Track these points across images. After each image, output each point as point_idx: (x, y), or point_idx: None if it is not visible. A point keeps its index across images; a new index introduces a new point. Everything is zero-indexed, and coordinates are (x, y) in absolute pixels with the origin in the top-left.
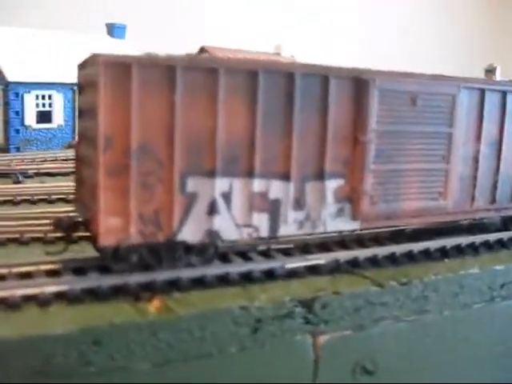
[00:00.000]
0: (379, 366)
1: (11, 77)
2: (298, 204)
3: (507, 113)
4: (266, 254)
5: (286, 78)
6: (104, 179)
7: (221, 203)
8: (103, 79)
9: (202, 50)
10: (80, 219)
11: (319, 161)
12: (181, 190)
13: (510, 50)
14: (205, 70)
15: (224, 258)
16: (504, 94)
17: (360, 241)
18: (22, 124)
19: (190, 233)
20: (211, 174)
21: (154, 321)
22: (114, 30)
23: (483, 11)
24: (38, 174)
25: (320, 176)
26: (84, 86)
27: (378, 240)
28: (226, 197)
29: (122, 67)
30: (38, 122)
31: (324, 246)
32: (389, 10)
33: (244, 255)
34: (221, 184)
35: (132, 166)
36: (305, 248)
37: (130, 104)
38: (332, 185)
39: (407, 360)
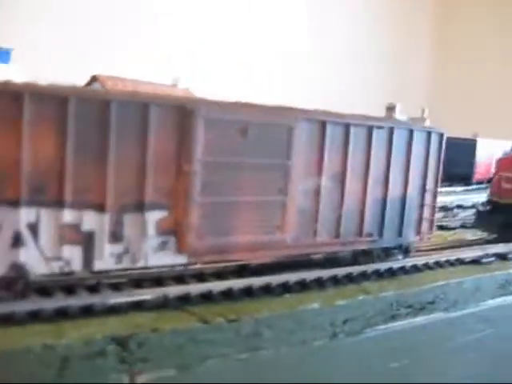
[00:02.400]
0: None
1: None
2: (115, 236)
3: (350, 146)
4: (94, 289)
5: (101, 106)
6: None
7: (26, 235)
8: None
9: (94, 78)
10: None
11: (139, 191)
12: None
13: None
14: (8, 96)
15: (44, 292)
16: (347, 126)
17: (200, 276)
18: None
19: None
20: (15, 203)
21: None
22: None
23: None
24: None
25: (140, 207)
26: None
27: (219, 275)
28: (33, 228)
29: None
30: None
31: (159, 280)
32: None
33: (70, 289)
34: (26, 214)
35: None
36: (138, 283)
37: None
38: (153, 217)
39: None
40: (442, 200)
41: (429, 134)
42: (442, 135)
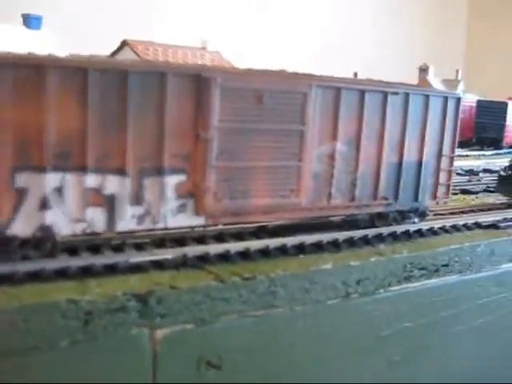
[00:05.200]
0: (226, 360)
1: None
2: (136, 199)
3: (365, 111)
4: (119, 249)
5: (119, 76)
6: None
7: (52, 198)
8: None
9: (124, 43)
10: None
11: (158, 157)
12: (10, 185)
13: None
14: (32, 67)
15: (72, 251)
16: (362, 92)
17: (219, 237)
18: None
19: (21, 227)
20: (41, 169)
21: None
22: (29, 20)
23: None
24: None
25: (159, 172)
26: None
27: (238, 236)
28: (58, 192)
29: None
30: None
31: (181, 241)
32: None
33: (96, 249)
34: (52, 179)
35: None
36: (161, 243)
37: None
38: (172, 180)
39: (257, 354)
40: (469, 164)
41: (445, 99)
42: (458, 100)
